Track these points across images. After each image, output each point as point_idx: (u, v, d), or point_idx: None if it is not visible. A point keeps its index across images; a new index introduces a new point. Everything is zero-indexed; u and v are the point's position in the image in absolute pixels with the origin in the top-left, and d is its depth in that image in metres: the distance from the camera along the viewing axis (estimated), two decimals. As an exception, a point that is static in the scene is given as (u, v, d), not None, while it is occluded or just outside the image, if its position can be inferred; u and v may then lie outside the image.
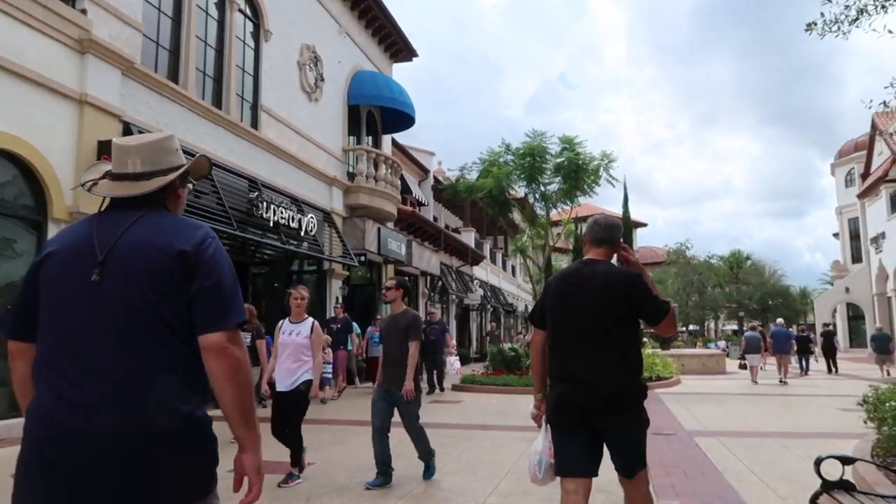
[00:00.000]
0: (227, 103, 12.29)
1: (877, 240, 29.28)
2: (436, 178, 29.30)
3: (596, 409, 2.99)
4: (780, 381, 16.82)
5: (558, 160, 17.23)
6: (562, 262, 42.83)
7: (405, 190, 26.28)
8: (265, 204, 12.19)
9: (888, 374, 18.76)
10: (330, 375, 12.32)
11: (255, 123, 13.35)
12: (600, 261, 3.21)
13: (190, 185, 2.03)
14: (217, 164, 11.56)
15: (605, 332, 3.05)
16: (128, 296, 1.64)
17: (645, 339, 23.17)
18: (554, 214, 21.22)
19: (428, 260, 23.02)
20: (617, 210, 58.48)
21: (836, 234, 51.49)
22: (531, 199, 18.96)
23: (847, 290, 37.55)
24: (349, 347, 13.53)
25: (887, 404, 5.28)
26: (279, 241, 12.72)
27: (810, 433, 8.21)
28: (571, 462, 3.01)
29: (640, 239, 60.96)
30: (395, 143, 25.08)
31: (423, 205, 28.02)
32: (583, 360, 3.05)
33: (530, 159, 17.25)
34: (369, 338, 14.33)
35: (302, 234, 13.56)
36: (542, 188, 18.03)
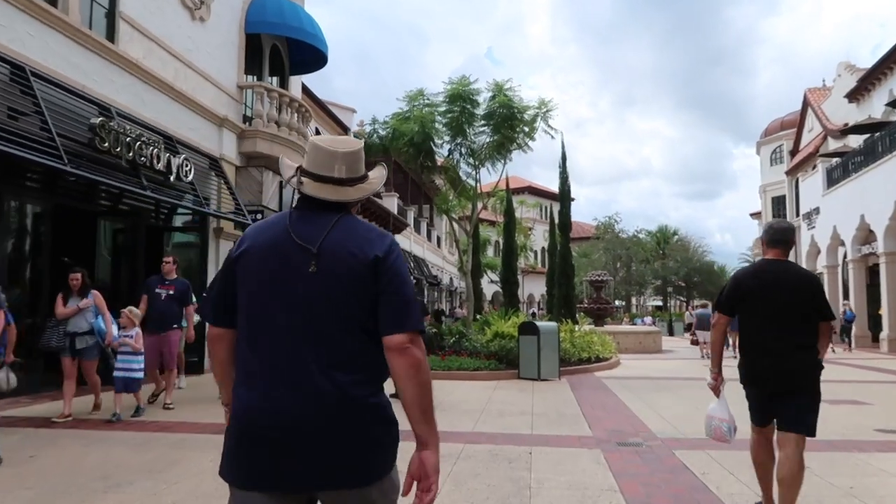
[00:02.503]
0: (65, 1, 9.32)
1: (810, 215, 28.55)
2: (356, 138, 26.62)
3: (784, 379, 3.63)
4: (735, 356, 16.04)
5: (489, 107, 14.84)
6: (491, 234, 40.99)
7: (321, 148, 23.61)
8: (114, 136, 9.35)
9: None
10: (139, 373, 7.44)
11: (111, 35, 10.40)
12: (784, 261, 3.82)
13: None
14: (44, 77, 8.68)
15: (794, 319, 3.66)
16: (328, 293, 1.76)
17: (579, 315, 21.49)
18: (485, 184, 18.98)
19: (343, 224, 20.40)
20: (545, 183, 57.00)
21: (754, 214, 51.71)
22: (457, 156, 16.52)
23: (772, 267, 37.34)
24: (184, 325, 8.50)
25: None
26: (138, 185, 9.91)
27: (816, 441, 6.28)
28: (764, 417, 3.82)
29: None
30: (311, 95, 22.32)
31: (341, 165, 25.29)
32: (775, 340, 3.67)
33: (459, 105, 14.79)
34: None
35: (172, 179, 10.77)
36: (471, 141, 15.64)
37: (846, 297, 24.92)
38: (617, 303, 50.73)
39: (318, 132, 23.33)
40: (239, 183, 14.09)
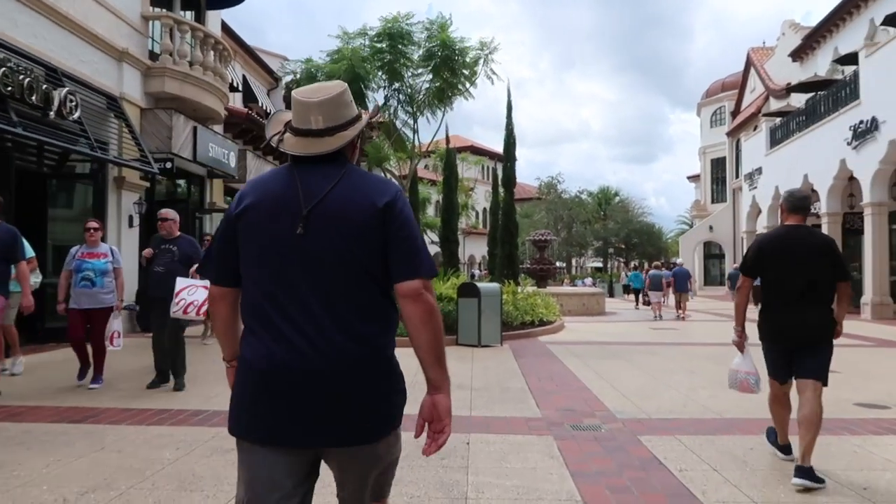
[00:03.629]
0: None
1: (752, 176, 28.35)
2: (288, 88, 24.80)
3: (803, 337, 3.93)
4: (678, 318, 17.68)
5: (428, 46, 13.46)
6: (431, 193, 39.70)
7: (251, 97, 21.91)
8: (-31, 57, 7.70)
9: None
10: None
11: (-31, -61, 8.63)
12: (803, 226, 4.08)
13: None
14: None
15: (813, 280, 3.92)
16: (335, 248, 1.72)
17: (521, 276, 20.63)
18: (425, 141, 17.62)
19: (270, 178, 18.82)
20: (487, 143, 55.73)
21: (692, 177, 51.91)
22: (394, 103, 15.15)
23: (711, 228, 37.53)
24: (15, 290, 6.27)
25: None
26: (5, 121, 8.27)
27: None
28: (782, 372, 4.08)
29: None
30: (238, 39, 20.46)
31: (272, 116, 23.53)
32: (795, 300, 3.94)
33: (390, 44, 13.35)
34: (74, 268, 6.52)
35: (52, 115, 9.14)
36: (408, 87, 14.27)
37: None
38: (558, 264, 50.50)
39: (244, 79, 21.56)
40: (145, 127, 12.45)
